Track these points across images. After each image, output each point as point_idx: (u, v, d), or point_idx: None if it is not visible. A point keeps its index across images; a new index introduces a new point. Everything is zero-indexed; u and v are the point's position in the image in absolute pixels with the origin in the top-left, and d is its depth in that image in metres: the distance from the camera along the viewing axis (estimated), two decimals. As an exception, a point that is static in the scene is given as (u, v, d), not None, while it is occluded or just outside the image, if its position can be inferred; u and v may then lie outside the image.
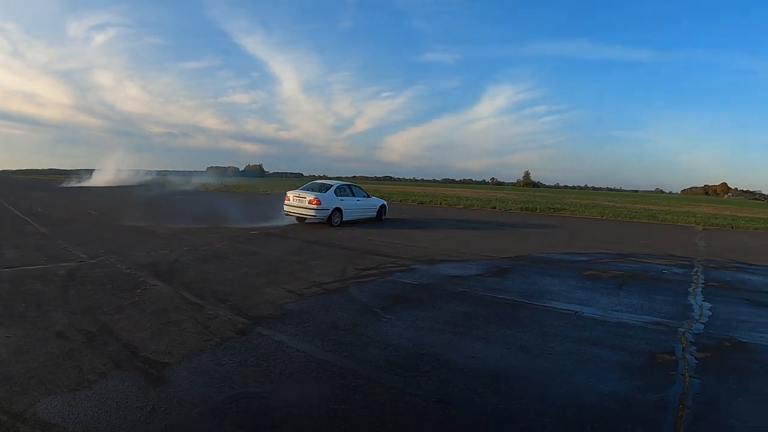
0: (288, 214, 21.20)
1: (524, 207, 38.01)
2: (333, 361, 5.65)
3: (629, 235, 22.43)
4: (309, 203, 20.30)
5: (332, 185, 21.67)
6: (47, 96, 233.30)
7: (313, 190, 21.06)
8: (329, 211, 20.62)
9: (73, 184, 70.54)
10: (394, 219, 24.37)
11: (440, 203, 40.64)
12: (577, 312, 8.34)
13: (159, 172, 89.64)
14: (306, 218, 20.88)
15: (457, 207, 37.87)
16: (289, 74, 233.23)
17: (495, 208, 37.57)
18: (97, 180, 76.44)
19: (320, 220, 20.61)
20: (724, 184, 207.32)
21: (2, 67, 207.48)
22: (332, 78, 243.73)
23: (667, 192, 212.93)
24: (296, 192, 20.96)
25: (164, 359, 5.46)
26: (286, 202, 21.09)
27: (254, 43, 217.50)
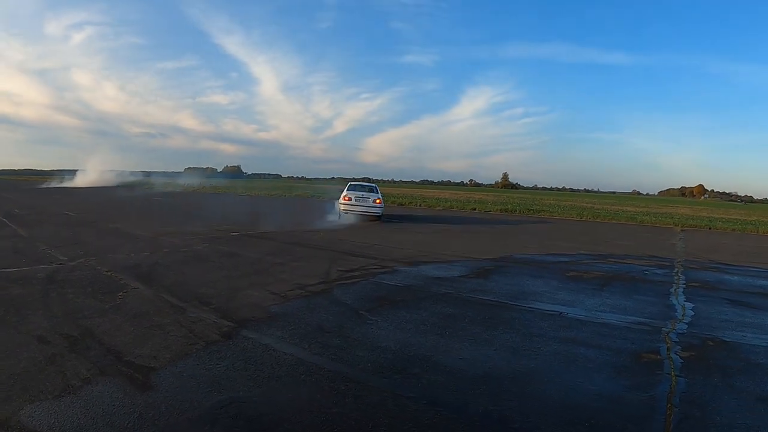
0: (348, 212, 23.80)
1: (504, 209, 38.17)
2: (321, 364, 5.57)
3: (609, 237, 22.67)
4: (374, 202, 24.10)
5: (374, 186, 25.78)
6: (24, 95, 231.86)
7: (369, 191, 24.86)
8: (383, 208, 24.40)
9: (55, 184, 69.89)
10: (375, 221, 24.28)
11: (419, 204, 40.73)
12: (561, 313, 8.34)
13: (144, 173, 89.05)
14: (367, 215, 23.97)
15: (437, 208, 37.98)
16: (268, 75, 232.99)
17: (475, 209, 37.66)
18: (80, 181, 75.77)
19: (377, 216, 24.06)
20: (701, 185, 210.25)
21: None
22: (311, 79, 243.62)
23: (644, 193, 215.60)
24: (357, 193, 24.22)
25: (150, 364, 5.35)
26: (345, 201, 23.84)
27: (233, 43, 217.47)
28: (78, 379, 4.88)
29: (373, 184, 26.49)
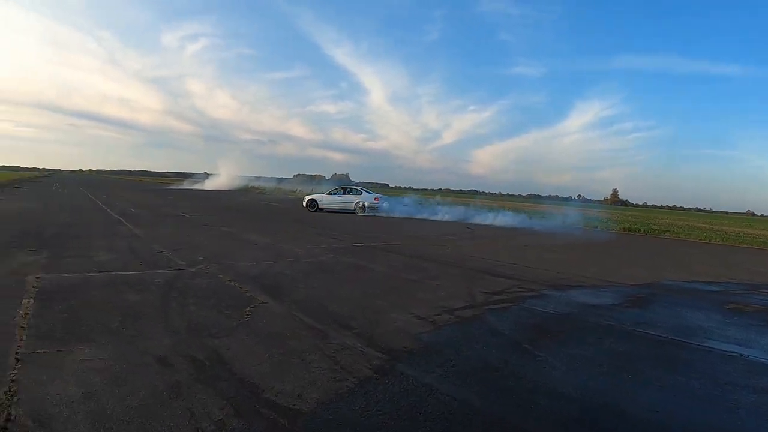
0: (375, 209, 32.52)
1: (627, 228, 36.13)
2: (502, 415, 4.51)
3: (746, 262, 20.90)
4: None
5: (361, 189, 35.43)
6: (141, 101, 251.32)
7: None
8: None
9: (186, 186, 71.65)
10: (493, 234, 23.50)
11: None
12: (742, 355, 7.07)
13: (276, 179, 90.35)
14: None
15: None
16: (377, 85, 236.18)
17: (596, 227, 35.74)
18: (211, 184, 77.41)
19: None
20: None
21: (99, 72, 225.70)
22: (419, 90, 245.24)
23: (759, 214, 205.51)
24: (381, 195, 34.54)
25: (295, 405, 4.36)
26: (375, 202, 32.75)
27: (342, 54, 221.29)
28: (209, 422, 3.97)
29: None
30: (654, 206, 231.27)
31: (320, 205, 33.05)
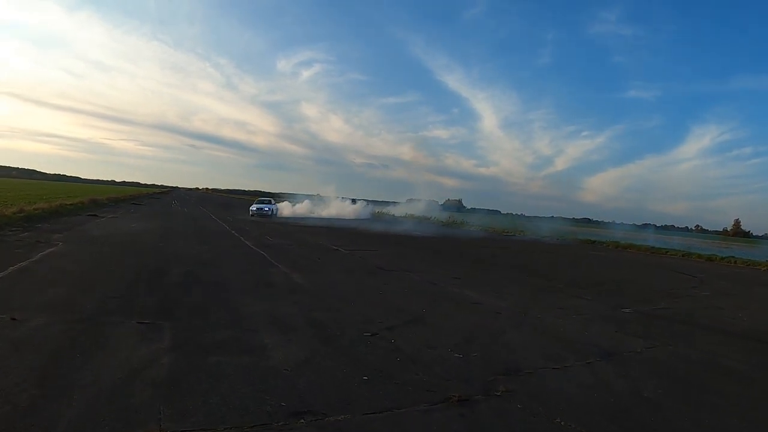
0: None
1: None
2: None
3: None
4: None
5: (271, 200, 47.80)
6: (256, 124, 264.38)
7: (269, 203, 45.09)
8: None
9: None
10: (728, 283, 17.93)
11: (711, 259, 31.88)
12: None
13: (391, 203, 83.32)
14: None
15: (760, 269, 29.24)
16: (489, 111, 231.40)
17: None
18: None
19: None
20: None
21: (216, 97, 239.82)
22: (532, 115, 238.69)
23: None
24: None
25: None
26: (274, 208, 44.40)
27: (454, 80, 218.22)
28: None
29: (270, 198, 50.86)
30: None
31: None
